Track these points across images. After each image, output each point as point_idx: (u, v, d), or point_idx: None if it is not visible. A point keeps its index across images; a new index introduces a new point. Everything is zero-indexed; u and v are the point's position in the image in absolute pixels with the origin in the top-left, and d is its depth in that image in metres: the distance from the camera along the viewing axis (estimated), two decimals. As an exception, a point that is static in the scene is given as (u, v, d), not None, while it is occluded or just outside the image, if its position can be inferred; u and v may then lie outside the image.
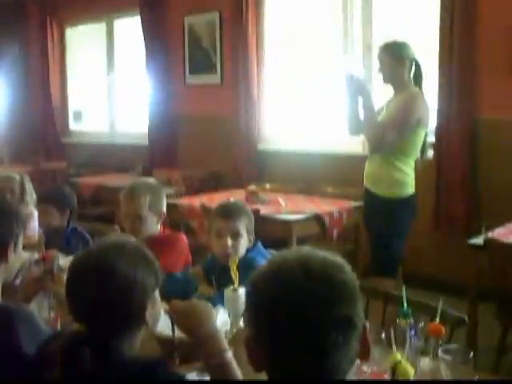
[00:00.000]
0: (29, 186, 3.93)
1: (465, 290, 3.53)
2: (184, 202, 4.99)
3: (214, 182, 6.32)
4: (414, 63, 3.80)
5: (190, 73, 6.76)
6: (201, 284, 2.75)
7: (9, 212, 1.99)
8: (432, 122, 4.86)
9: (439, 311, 1.75)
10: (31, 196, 3.93)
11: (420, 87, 3.83)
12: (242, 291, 2.38)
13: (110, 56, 7.67)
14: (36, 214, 3.87)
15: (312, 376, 1.10)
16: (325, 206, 4.59)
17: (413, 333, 1.83)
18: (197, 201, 4.90)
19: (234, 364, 1.54)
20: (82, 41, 8.06)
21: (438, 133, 4.94)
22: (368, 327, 1.17)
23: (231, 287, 2.38)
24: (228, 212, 2.70)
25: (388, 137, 3.67)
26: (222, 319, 2.23)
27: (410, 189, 3.82)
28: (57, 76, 8.22)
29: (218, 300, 2.44)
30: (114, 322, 1.45)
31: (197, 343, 1.60)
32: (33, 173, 6.70)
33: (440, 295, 1.93)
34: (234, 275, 2.39)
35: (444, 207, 4.96)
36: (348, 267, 1.17)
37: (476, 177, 4.89)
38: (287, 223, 4.18)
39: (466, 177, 4.88)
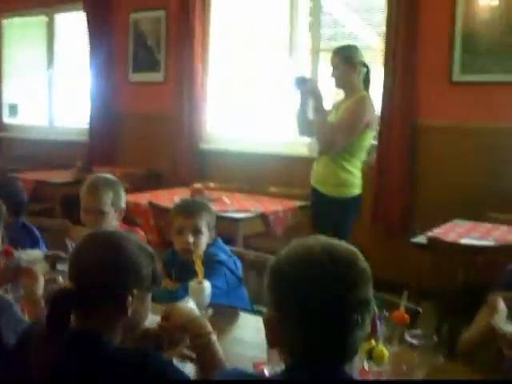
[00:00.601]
0: None
1: (403, 288, 3.67)
2: (129, 199, 4.97)
3: (155, 181, 6.32)
4: (363, 67, 3.96)
5: (133, 70, 6.74)
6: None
7: None
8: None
9: (405, 300, 1.86)
10: None
11: (368, 91, 3.98)
12: (206, 284, 2.44)
13: (50, 50, 7.54)
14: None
15: (335, 350, 1.22)
16: (269, 205, 4.68)
17: (378, 322, 1.94)
18: (142, 198, 4.90)
19: (218, 345, 1.66)
20: (21, 34, 7.88)
21: (380, 136, 5.11)
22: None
23: (196, 280, 2.43)
24: (189, 210, 2.75)
25: (339, 139, 3.81)
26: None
27: (357, 189, 3.97)
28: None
29: (181, 293, 2.48)
30: (100, 290, 1.49)
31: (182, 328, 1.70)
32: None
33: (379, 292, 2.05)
34: (199, 269, 2.44)
35: (382, 208, 5.15)
36: (361, 255, 1.29)
37: (413, 180, 5.09)
38: (234, 221, 4.24)
39: (404, 180, 5.07)
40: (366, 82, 4.00)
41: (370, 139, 4.00)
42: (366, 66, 3.97)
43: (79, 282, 1.49)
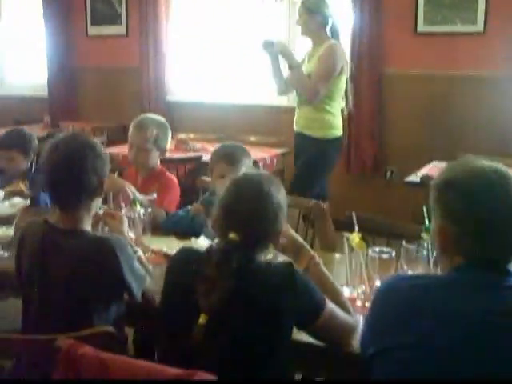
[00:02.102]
0: None
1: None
2: (114, 150, 5.08)
3: (124, 134, 6.37)
4: (330, 17, 4.21)
5: (92, 24, 6.69)
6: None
7: None
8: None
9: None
10: None
11: (337, 39, 4.25)
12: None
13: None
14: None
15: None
16: (255, 153, 4.89)
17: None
18: (121, 150, 5.03)
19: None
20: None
21: (349, 85, 5.38)
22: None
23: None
24: (233, 159, 2.90)
25: (320, 88, 4.10)
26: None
27: (339, 130, 4.30)
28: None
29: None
30: (261, 234, 1.71)
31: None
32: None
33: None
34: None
35: (355, 152, 5.47)
36: None
37: (382, 125, 5.44)
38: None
39: (373, 125, 5.41)
40: (335, 31, 4.25)
41: (344, 83, 4.32)
42: (331, 16, 4.23)
43: (244, 232, 1.68)
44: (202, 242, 2.49)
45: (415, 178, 3.98)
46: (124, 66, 6.50)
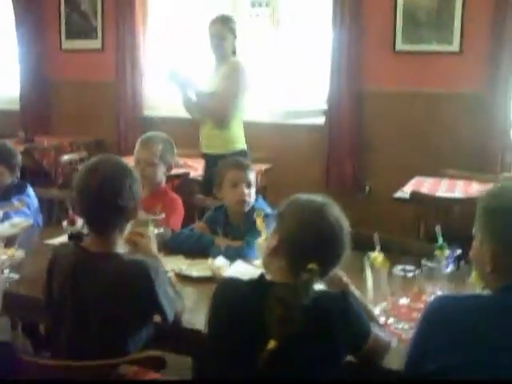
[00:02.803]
0: None
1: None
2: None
3: (100, 150, 6.33)
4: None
5: (66, 37, 6.62)
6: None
7: None
8: (324, 92, 5.46)
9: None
10: None
11: (235, 56, 4.31)
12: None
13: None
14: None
15: None
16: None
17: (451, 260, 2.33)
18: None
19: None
20: None
21: (330, 102, 5.48)
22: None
23: (262, 237, 2.65)
24: (242, 163, 2.99)
25: (229, 108, 4.16)
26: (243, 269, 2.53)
27: (242, 144, 4.35)
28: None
29: (246, 250, 2.72)
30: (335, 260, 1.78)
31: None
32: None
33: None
34: (261, 226, 2.67)
35: (334, 168, 5.54)
36: None
37: (362, 141, 5.52)
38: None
39: (353, 141, 5.49)
40: (235, 48, 4.31)
41: (245, 99, 4.31)
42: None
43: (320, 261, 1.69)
44: (220, 262, 2.50)
45: (402, 194, 4.06)
46: (100, 81, 6.45)
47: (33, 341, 3.29)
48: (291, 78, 5.57)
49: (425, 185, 4.34)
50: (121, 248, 2.06)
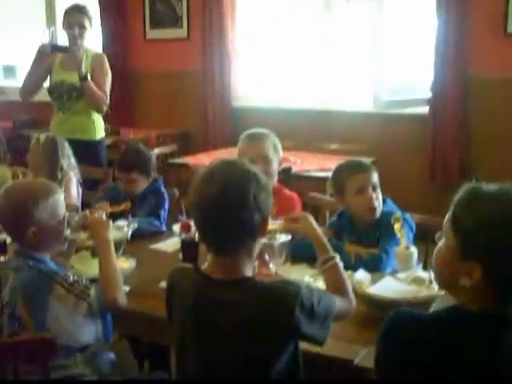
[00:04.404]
0: (63, 148, 3.63)
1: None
2: (189, 161, 4.82)
3: (187, 142, 6.12)
4: None
5: (151, 27, 6.43)
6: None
7: None
8: (429, 79, 5.07)
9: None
10: (69, 159, 3.63)
11: None
12: (413, 249, 2.37)
13: (50, 6, 7.10)
14: (74, 177, 3.60)
15: None
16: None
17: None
18: (201, 160, 4.79)
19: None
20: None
21: (434, 90, 5.09)
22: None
23: (403, 246, 2.36)
24: (363, 166, 2.67)
25: (107, 96, 4.28)
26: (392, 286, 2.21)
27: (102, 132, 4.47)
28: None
29: (385, 260, 2.42)
30: None
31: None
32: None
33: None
34: (400, 233, 2.37)
35: (439, 160, 5.16)
36: None
37: (468, 130, 5.11)
38: (322, 181, 4.14)
39: (459, 130, 5.09)
40: None
41: None
42: None
43: None
44: (361, 277, 2.20)
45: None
46: (186, 71, 6.23)
47: (135, 351, 3.08)
48: (394, 64, 5.17)
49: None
50: (249, 272, 1.74)
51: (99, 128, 4.44)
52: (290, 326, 1.62)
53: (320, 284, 2.23)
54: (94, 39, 6.51)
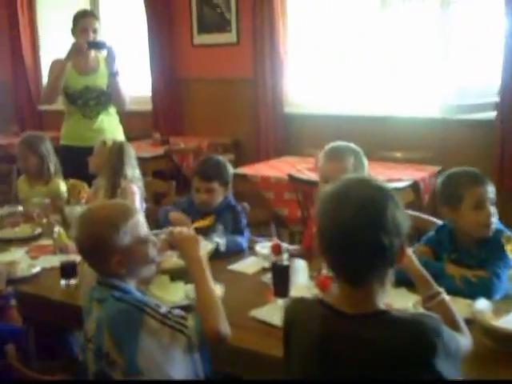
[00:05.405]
0: (130, 157, 3.46)
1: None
2: (246, 171, 4.63)
3: (238, 151, 5.93)
4: None
5: (198, 32, 6.26)
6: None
7: None
8: (496, 82, 4.81)
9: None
10: (133, 170, 3.47)
11: None
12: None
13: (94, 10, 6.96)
14: (138, 191, 3.43)
15: None
16: (413, 172, 4.39)
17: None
18: (259, 170, 4.62)
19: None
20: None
21: (502, 93, 4.82)
22: None
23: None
24: (482, 176, 2.39)
25: None
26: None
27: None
28: (27, 36, 7.42)
29: (497, 283, 2.19)
30: None
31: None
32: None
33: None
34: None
35: (508, 167, 4.88)
36: None
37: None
38: (397, 191, 3.91)
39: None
40: None
41: None
42: None
43: None
44: (482, 306, 1.97)
45: None
46: (235, 77, 6.04)
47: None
48: (459, 67, 4.92)
49: None
50: (382, 304, 1.54)
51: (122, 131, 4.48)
52: (429, 364, 1.43)
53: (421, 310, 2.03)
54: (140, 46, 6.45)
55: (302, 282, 2.29)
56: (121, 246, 1.86)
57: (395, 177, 4.16)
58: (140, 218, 1.95)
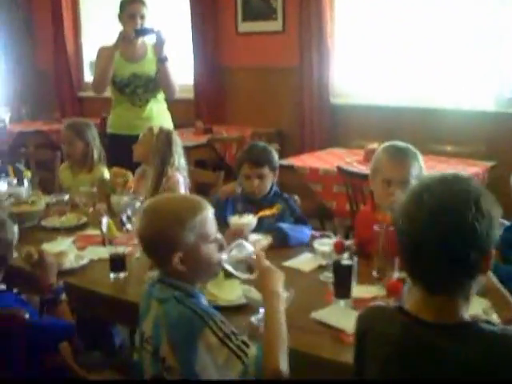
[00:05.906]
0: (177, 145, 3.38)
1: None
2: (297, 162, 4.53)
3: (282, 142, 5.81)
4: None
5: (243, 19, 6.14)
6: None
7: None
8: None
9: None
10: (179, 159, 3.39)
11: None
12: None
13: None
14: (183, 181, 3.35)
15: None
16: (465, 167, 4.23)
17: None
18: (305, 161, 4.51)
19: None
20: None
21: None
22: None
23: None
24: None
25: None
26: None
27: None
28: (70, 23, 7.39)
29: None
30: None
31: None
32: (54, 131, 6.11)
33: None
34: None
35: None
36: None
37: None
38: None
39: None
40: None
41: None
42: None
43: None
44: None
45: None
46: (280, 66, 5.91)
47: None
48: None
49: None
50: (467, 315, 1.42)
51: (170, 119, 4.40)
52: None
53: (494, 317, 1.90)
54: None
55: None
56: (185, 242, 1.77)
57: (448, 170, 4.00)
58: (209, 215, 1.85)
